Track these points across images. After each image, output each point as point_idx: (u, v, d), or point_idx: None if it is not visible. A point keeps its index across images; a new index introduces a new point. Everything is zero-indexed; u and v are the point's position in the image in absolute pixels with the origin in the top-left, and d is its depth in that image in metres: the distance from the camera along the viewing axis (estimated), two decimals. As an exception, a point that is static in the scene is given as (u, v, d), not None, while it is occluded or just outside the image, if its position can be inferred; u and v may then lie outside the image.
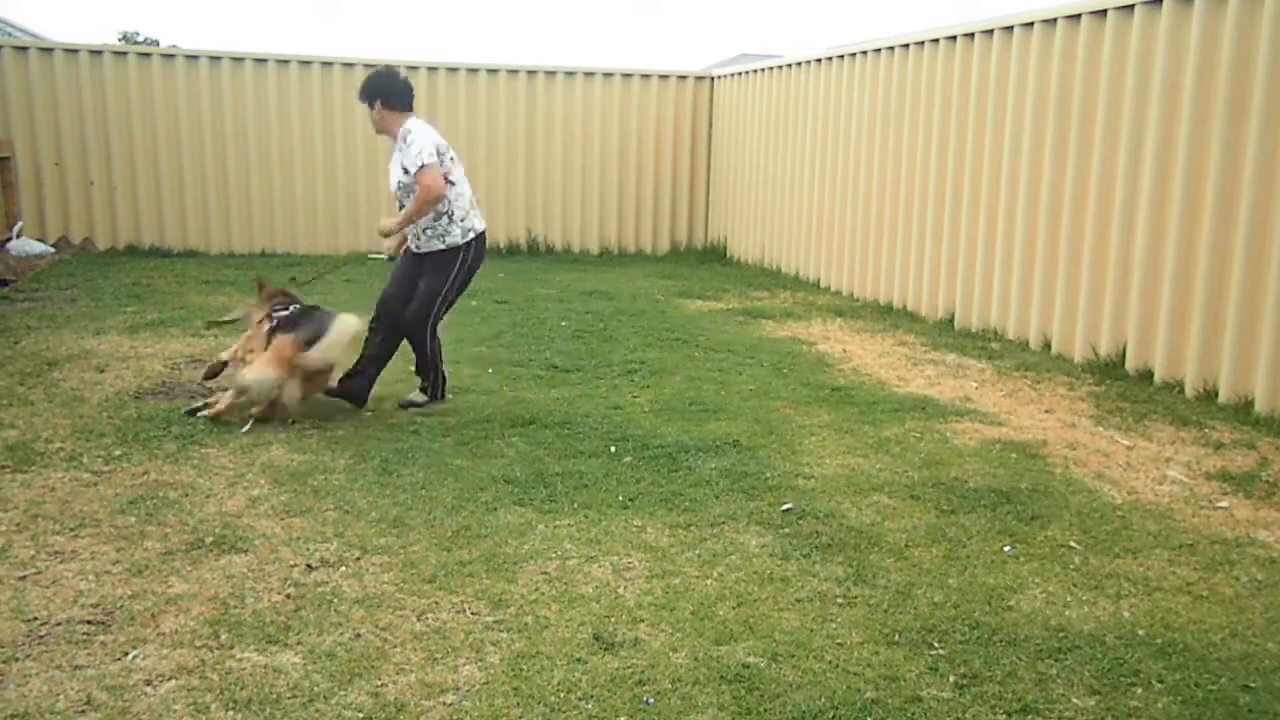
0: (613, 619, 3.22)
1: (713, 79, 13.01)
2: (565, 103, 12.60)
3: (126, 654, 2.93)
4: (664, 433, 5.20)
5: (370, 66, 11.95)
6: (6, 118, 11.10)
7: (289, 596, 3.31)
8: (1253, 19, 5.81)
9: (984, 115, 8.01)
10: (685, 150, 13.10)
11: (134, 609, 3.19)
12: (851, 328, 8.31)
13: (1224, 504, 4.39)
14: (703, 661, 2.97)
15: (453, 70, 12.23)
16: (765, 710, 2.73)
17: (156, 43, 36.54)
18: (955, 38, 8.33)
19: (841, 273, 10.17)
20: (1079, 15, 7.01)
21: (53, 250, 11.03)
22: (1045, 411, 5.82)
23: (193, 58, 11.58)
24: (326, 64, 11.91)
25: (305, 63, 11.84)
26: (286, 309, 5.38)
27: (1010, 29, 7.72)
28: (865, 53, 9.59)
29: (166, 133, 11.53)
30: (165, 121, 11.51)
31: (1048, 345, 7.41)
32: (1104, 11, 6.82)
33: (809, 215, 10.71)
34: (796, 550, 3.78)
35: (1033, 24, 7.48)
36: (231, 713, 2.65)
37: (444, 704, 2.72)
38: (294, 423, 5.23)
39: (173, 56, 11.58)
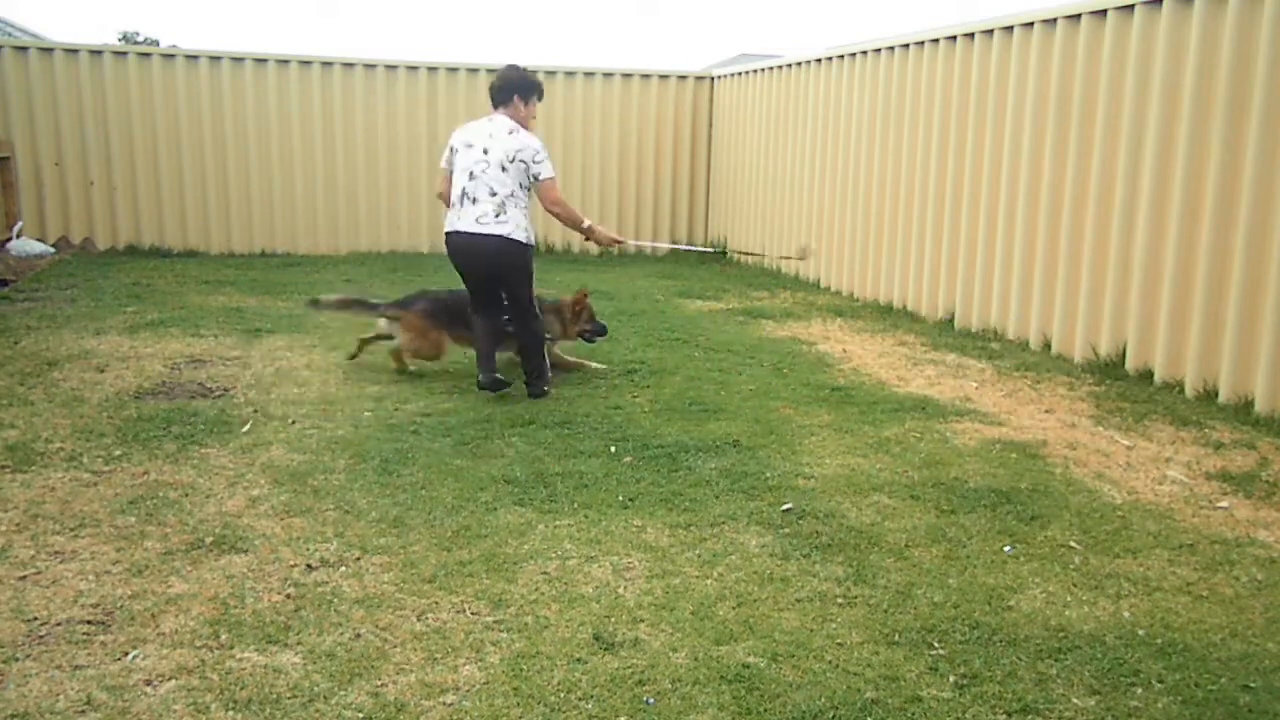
0: (613, 619, 3.22)
1: (713, 79, 13.01)
2: (565, 103, 12.60)
3: (126, 654, 2.93)
4: (664, 433, 5.20)
5: (370, 67, 12.03)
6: (6, 118, 11.10)
7: (289, 596, 3.31)
8: (1253, 19, 5.81)
9: (984, 115, 8.01)
10: (685, 150, 13.10)
11: (134, 609, 3.20)
12: (851, 328, 8.31)
13: (1224, 504, 4.39)
14: (703, 661, 2.97)
15: (453, 70, 12.23)
16: (765, 710, 2.73)
17: (156, 43, 36.55)
18: (955, 38, 8.33)
19: (841, 273, 10.17)
20: (1079, 15, 7.01)
21: (53, 250, 11.03)
22: (1045, 411, 5.82)
23: (193, 58, 11.57)
24: (326, 64, 11.90)
25: (305, 63, 11.84)
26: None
27: (1010, 29, 7.72)
28: (865, 53, 9.59)
29: (166, 133, 11.52)
30: (165, 121, 11.50)
31: (1048, 345, 7.41)
32: (1104, 11, 6.82)
33: (809, 215, 10.71)
34: (796, 550, 3.78)
35: (1033, 24, 7.48)
36: (231, 713, 2.66)
37: (444, 704, 2.72)
38: (294, 423, 5.23)
39: (173, 56, 11.57)
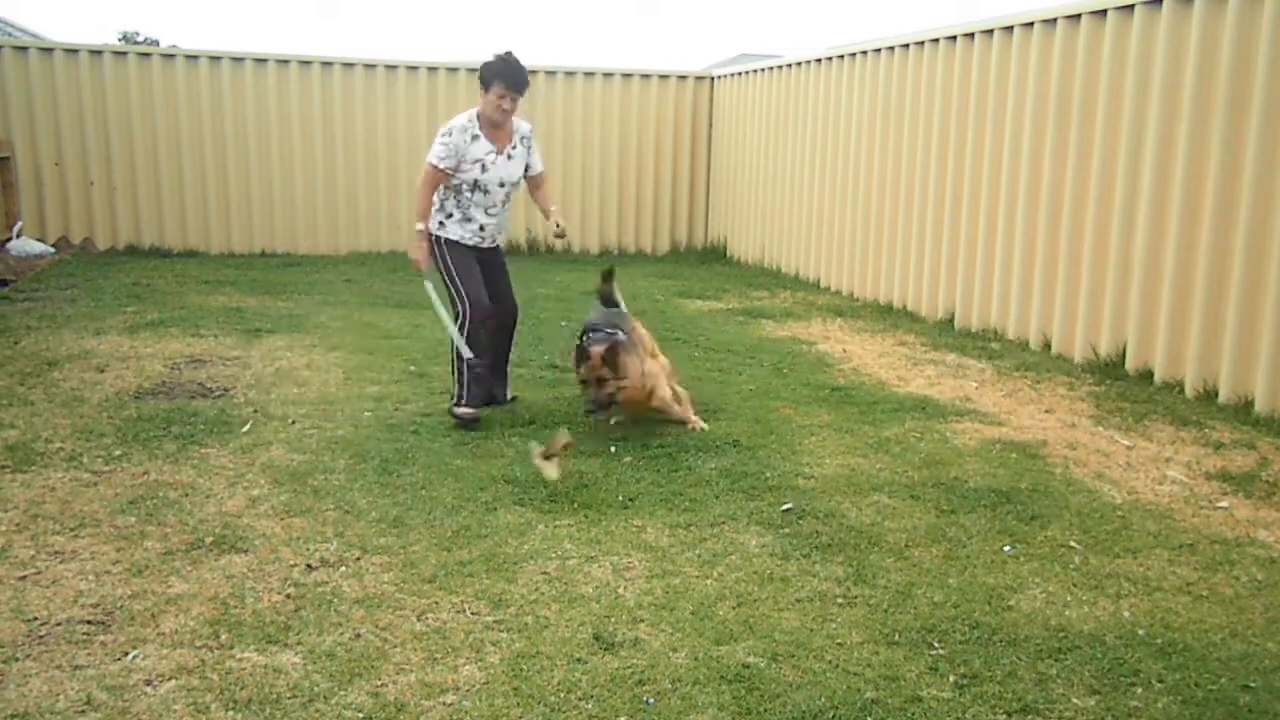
0: (613, 619, 3.22)
1: (713, 79, 13.01)
2: (565, 103, 12.60)
3: (126, 654, 2.93)
4: (664, 433, 5.20)
5: (370, 67, 12.02)
6: (6, 118, 11.09)
7: (289, 596, 3.31)
8: (1253, 19, 5.81)
9: (984, 115, 8.01)
10: (685, 150, 13.09)
11: (134, 609, 3.19)
12: (851, 328, 8.31)
13: (1224, 504, 4.38)
14: (703, 661, 2.97)
15: (453, 70, 12.22)
16: (765, 710, 2.73)
17: (156, 43, 36.53)
18: (955, 38, 8.33)
19: (841, 273, 10.17)
20: (1079, 15, 7.01)
21: (53, 250, 11.03)
22: (1045, 411, 5.82)
23: (193, 58, 11.57)
24: (326, 64, 11.90)
25: (305, 63, 11.84)
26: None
27: (1010, 29, 7.72)
28: (865, 53, 9.59)
29: (166, 133, 11.52)
30: (165, 121, 11.50)
31: (1048, 345, 7.40)
32: (1104, 11, 6.82)
33: (809, 215, 10.71)
34: (796, 550, 3.78)
35: (1033, 24, 7.48)
36: (231, 713, 2.66)
37: (444, 704, 2.72)
38: (294, 423, 5.23)
39: (173, 56, 11.57)
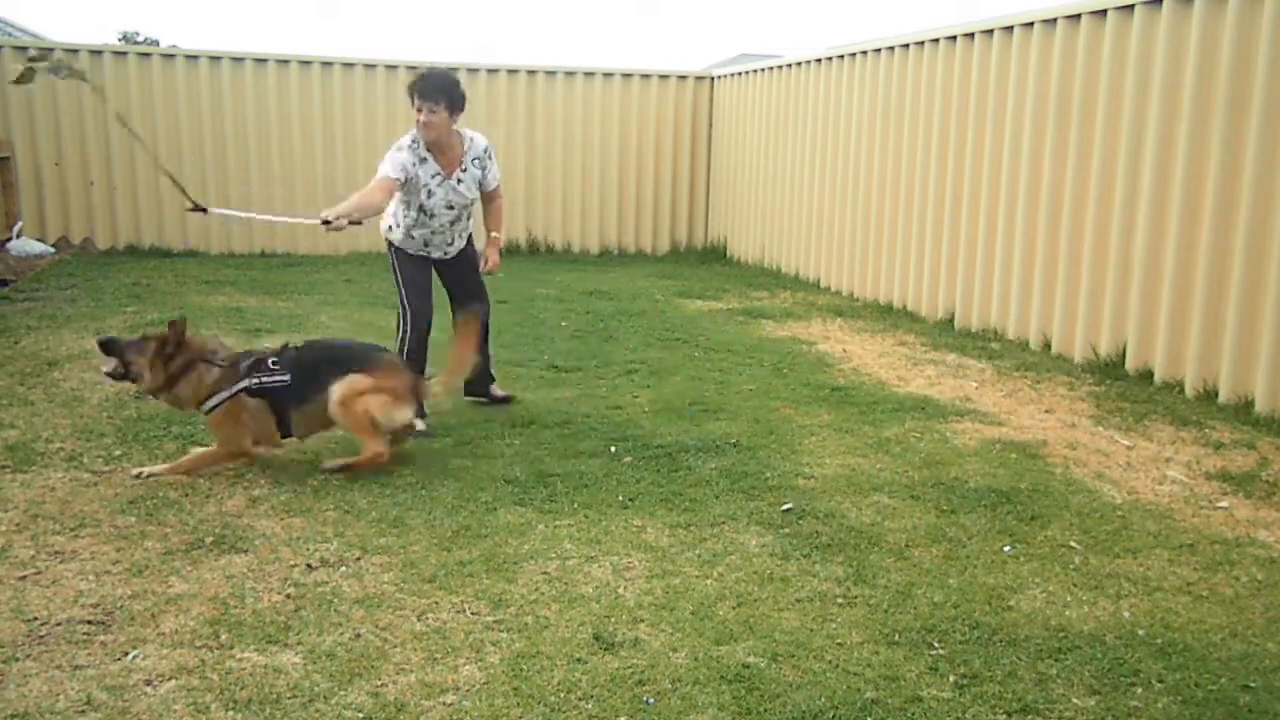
0: (613, 619, 3.22)
1: (713, 79, 13.01)
2: (565, 103, 12.59)
3: (126, 654, 2.93)
4: (664, 433, 5.19)
5: (370, 67, 12.01)
6: (6, 118, 11.09)
7: (289, 596, 3.31)
8: (1253, 19, 5.81)
9: (984, 115, 8.01)
10: (685, 150, 13.08)
11: (134, 609, 3.19)
12: (851, 328, 8.31)
13: (1224, 504, 4.38)
14: (703, 661, 2.97)
15: (452, 70, 12.20)
16: (765, 710, 2.73)
17: (156, 43, 36.54)
18: (955, 38, 8.32)
19: (841, 273, 10.17)
20: (1079, 15, 7.01)
21: (53, 250, 11.02)
22: (1045, 411, 5.82)
23: (193, 58, 11.56)
24: (326, 64, 11.90)
25: (305, 63, 11.83)
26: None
27: (1010, 29, 7.72)
28: (865, 53, 9.59)
29: (166, 133, 11.50)
30: (165, 121, 11.49)
31: (1048, 345, 7.40)
32: (1104, 11, 6.82)
33: (809, 215, 10.71)
34: (796, 550, 3.78)
35: (1033, 24, 7.48)
36: (231, 713, 2.66)
37: (444, 704, 2.72)
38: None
39: (173, 56, 11.57)
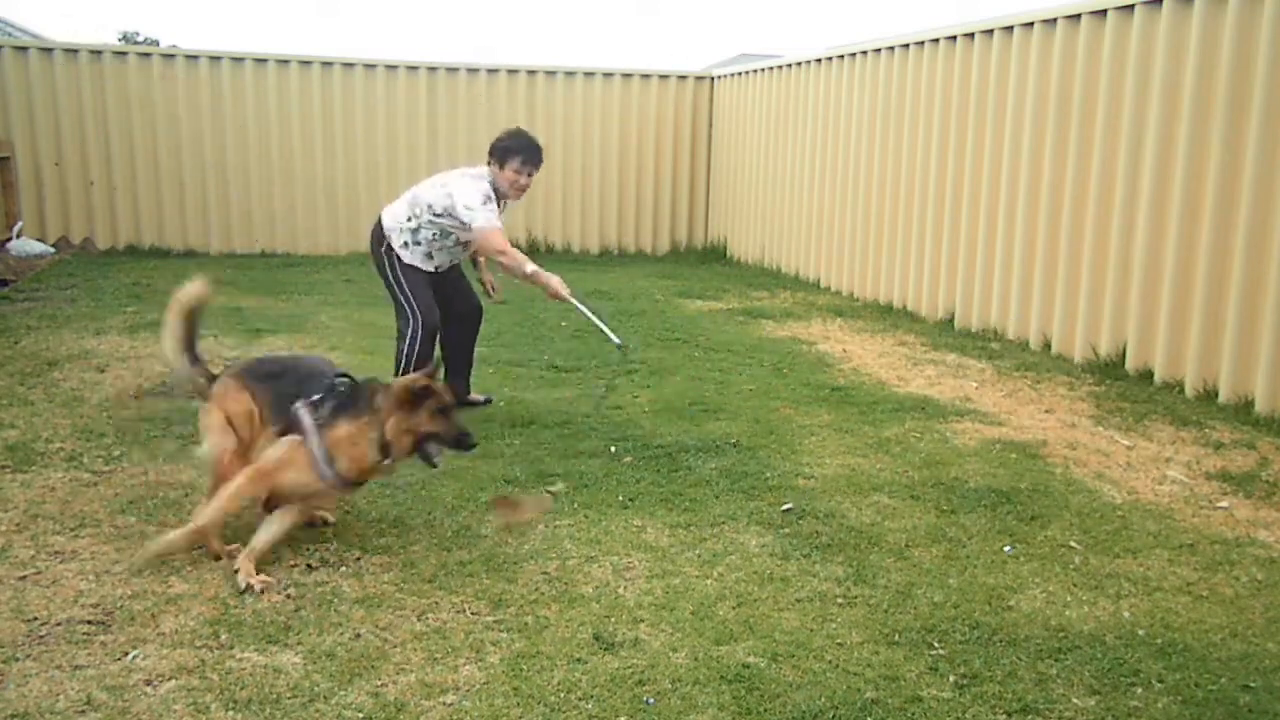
0: (613, 619, 3.22)
1: (713, 79, 13.01)
2: (565, 103, 12.59)
3: (126, 654, 2.93)
4: (664, 433, 5.19)
5: (370, 67, 12.01)
6: (6, 118, 11.09)
7: (289, 596, 3.31)
8: (1253, 19, 5.81)
9: (984, 115, 8.01)
10: (685, 150, 13.08)
11: (134, 609, 3.19)
12: (851, 328, 8.31)
13: (1224, 504, 4.38)
14: (703, 661, 2.97)
15: (452, 70, 12.22)
16: (765, 710, 2.73)
17: (156, 43, 36.53)
18: (955, 38, 8.33)
19: (841, 273, 10.17)
20: (1079, 15, 7.01)
21: (53, 250, 11.02)
22: (1045, 411, 5.82)
23: (193, 58, 11.57)
24: (326, 64, 11.90)
25: (305, 63, 11.83)
26: None
27: (1010, 29, 7.72)
28: (865, 53, 9.59)
29: (166, 133, 11.51)
30: (165, 121, 11.50)
31: (1048, 345, 7.40)
32: (1104, 11, 6.82)
33: (809, 215, 10.71)
34: (796, 550, 3.78)
35: (1033, 24, 7.48)
36: (231, 713, 2.65)
37: (444, 704, 2.72)
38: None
39: (173, 56, 11.57)
